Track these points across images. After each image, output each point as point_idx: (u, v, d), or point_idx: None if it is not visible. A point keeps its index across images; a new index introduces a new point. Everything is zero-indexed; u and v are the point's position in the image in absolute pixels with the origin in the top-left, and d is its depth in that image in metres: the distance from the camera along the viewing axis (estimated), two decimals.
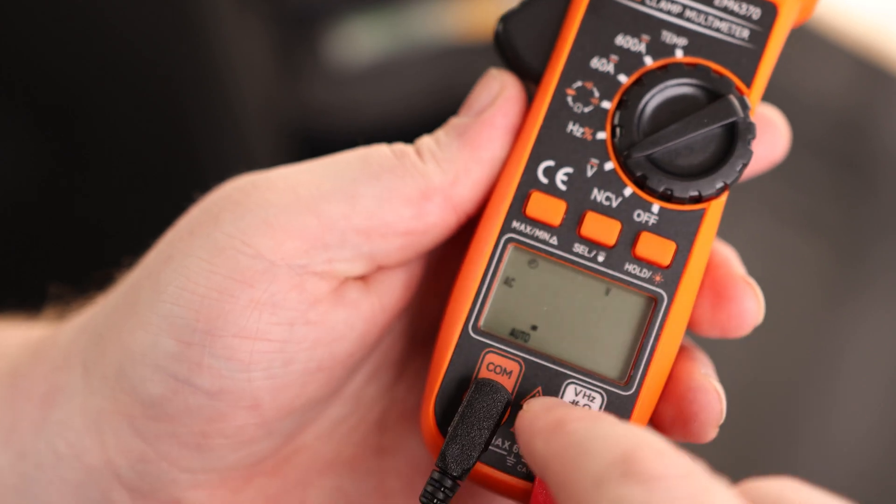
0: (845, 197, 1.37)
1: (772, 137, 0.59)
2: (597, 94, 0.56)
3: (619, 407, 0.54)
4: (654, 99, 0.55)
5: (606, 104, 0.56)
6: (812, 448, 1.23)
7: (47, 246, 1.12)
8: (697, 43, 0.56)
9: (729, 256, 0.57)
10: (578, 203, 0.55)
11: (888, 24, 1.44)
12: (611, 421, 0.47)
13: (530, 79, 0.57)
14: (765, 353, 1.24)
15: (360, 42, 1.35)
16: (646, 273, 0.55)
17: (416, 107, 1.33)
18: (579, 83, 0.56)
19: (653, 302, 0.54)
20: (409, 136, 0.57)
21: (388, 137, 0.58)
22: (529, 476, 0.54)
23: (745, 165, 0.55)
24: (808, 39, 1.38)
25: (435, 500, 0.52)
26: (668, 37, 0.56)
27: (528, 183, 0.55)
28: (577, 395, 0.54)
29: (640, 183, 0.55)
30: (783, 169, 0.63)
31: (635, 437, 0.45)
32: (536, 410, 0.50)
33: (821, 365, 1.28)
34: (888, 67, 1.41)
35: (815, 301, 1.32)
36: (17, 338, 0.61)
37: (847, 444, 1.23)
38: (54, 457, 0.56)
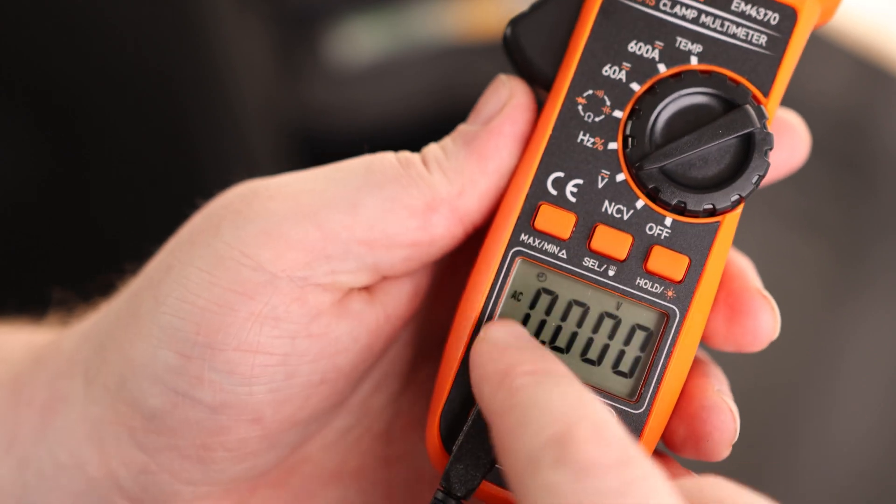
0: (845, 197, 1.36)
1: (791, 142, 0.58)
2: (608, 102, 0.55)
3: (630, 425, 0.53)
4: (668, 108, 0.54)
5: (618, 113, 0.55)
6: (812, 448, 1.23)
7: (47, 246, 1.12)
8: (713, 50, 0.55)
9: (744, 268, 0.56)
10: (589, 216, 0.54)
11: (888, 24, 1.44)
12: (555, 384, 0.46)
13: (540, 85, 0.56)
14: (764, 354, 1.23)
15: (360, 42, 1.35)
16: (658, 288, 0.54)
17: (416, 107, 1.32)
18: (590, 91, 0.55)
19: (665, 318, 0.54)
20: (409, 137, 0.57)
21: (389, 138, 0.57)
22: None
23: (761, 178, 0.53)
24: (808, 39, 1.37)
25: None
26: (682, 43, 0.55)
27: (537, 195, 0.54)
28: None
29: (653, 195, 0.54)
30: None
31: (575, 409, 0.45)
32: (489, 350, 0.50)
33: (821, 365, 1.27)
34: (888, 67, 1.41)
35: (815, 301, 1.31)
36: (20, 343, 0.60)
37: (847, 445, 1.23)
38: (55, 466, 0.56)
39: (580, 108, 0.55)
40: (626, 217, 0.54)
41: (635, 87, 0.55)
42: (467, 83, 1.32)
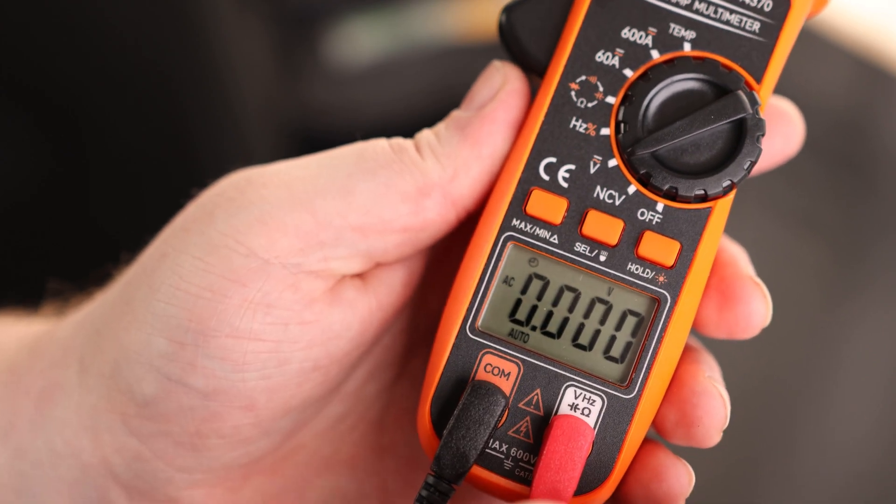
0: (845, 197, 1.36)
1: (786, 130, 0.58)
2: (601, 88, 0.55)
3: (620, 410, 0.53)
4: (660, 94, 0.54)
5: (611, 99, 0.55)
6: (811, 448, 1.23)
7: (48, 246, 1.12)
8: (706, 36, 0.55)
9: (737, 255, 0.56)
10: (580, 201, 0.54)
11: (888, 24, 1.44)
12: None
13: (534, 71, 0.56)
14: (763, 353, 1.24)
15: (360, 42, 1.35)
16: (649, 273, 0.54)
17: (416, 107, 1.32)
18: (583, 77, 0.55)
19: (656, 303, 0.54)
20: (409, 137, 0.57)
21: (388, 137, 0.57)
22: (527, 480, 0.53)
23: (753, 163, 0.54)
24: (808, 39, 1.37)
25: None
26: (675, 29, 0.55)
27: (529, 180, 0.54)
28: (576, 397, 0.53)
29: (644, 181, 0.54)
30: (783, 168, 0.62)
31: None
32: None
33: (820, 365, 1.27)
34: (888, 67, 1.41)
35: (814, 301, 1.31)
36: (15, 334, 0.60)
37: (846, 445, 1.23)
38: (52, 455, 0.56)
39: (573, 93, 0.55)
40: (617, 202, 0.54)
41: (628, 72, 0.55)
42: (467, 83, 1.32)
